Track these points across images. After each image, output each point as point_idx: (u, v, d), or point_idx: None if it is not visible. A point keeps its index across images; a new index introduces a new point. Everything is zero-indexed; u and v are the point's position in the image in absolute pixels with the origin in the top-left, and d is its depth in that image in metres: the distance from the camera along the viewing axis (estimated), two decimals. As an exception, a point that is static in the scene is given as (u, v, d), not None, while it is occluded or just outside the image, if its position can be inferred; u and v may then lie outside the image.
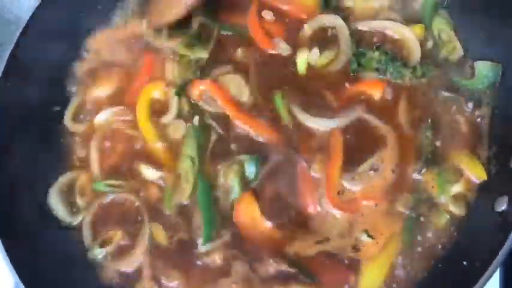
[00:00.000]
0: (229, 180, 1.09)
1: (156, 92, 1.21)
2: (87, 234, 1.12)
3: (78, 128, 1.22)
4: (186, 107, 1.18)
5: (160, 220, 1.10)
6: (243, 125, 1.13)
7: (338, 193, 1.06)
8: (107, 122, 1.21)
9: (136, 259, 1.09)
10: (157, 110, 1.20)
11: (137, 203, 1.12)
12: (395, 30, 1.18)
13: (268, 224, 1.05)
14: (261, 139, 1.12)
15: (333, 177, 1.06)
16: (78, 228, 1.13)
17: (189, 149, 1.12)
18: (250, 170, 1.08)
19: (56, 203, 1.14)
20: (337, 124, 1.10)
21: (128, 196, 1.13)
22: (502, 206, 0.93)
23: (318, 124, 1.11)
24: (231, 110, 1.15)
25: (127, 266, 1.09)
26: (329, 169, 1.07)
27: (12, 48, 1.15)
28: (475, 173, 1.04)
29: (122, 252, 1.10)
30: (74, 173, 1.18)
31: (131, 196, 1.13)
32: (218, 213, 1.07)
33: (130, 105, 1.21)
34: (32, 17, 1.18)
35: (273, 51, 1.20)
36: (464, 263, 0.94)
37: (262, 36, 1.22)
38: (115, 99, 1.24)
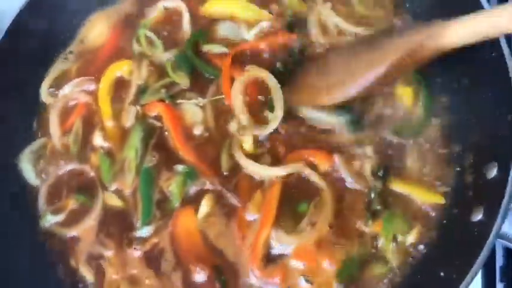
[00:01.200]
0: (170, 187, 1.10)
1: (122, 70, 1.22)
2: (41, 202, 1.16)
3: (50, 100, 1.26)
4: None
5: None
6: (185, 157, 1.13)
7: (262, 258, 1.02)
8: (70, 92, 1.24)
9: (86, 224, 1.12)
10: (123, 85, 1.22)
11: (92, 174, 1.15)
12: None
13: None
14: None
15: (258, 243, 1.02)
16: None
17: (135, 140, 1.14)
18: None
19: (26, 164, 1.19)
20: (277, 173, 1.07)
21: (83, 167, 1.17)
22: (478, 216, 0.93)
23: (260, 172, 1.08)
24: (177, 142, 1.14)
25: (74, 231, 1.13)
26: (257, 233, 1.03)
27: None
28: (432, 200, 1.04)
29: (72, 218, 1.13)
30: (44, 139, 1.23)
31: (87, 167, 1.16)
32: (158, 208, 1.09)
33: (96, 76, 1.24)
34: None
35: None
36: (442, 274, 0.94)
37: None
38: (82, 71, 1.27)
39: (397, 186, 1.06)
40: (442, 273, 0.94)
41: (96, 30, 1.31)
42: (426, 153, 1.09)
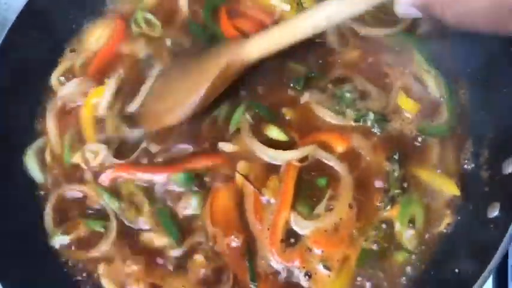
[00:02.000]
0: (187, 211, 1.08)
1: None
2: (48, 220, 1.12)
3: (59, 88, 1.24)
4: None
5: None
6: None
7: (282, 240, 1.02)
8: (69, 93, 1.22)
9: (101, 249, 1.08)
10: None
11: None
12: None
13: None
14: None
15: (277, 227, 1.02)
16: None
17: None
18: (193, 204, 1.07)
19: (31, 161, 1.17)
20: (292, 156, 1.06)
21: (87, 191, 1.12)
22: (494, 212, 0.92)
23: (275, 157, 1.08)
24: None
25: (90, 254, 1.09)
26: (275, 216, 1.03)
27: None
28: (449, 190, 1.04)
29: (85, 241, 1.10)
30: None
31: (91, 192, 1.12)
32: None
33: (96, 77, 1.23)
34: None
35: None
36: (456, 270, 0.92)
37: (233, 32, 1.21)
38: (84, 70, 1.25)
39: (416, 171, 1.06)
40: (457, 270, 0.92)
41: (97, 32, 1.30)
42: (443, 148, 1.08)
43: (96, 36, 1.29)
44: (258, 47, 1.07)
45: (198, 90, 1.08)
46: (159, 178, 1.10)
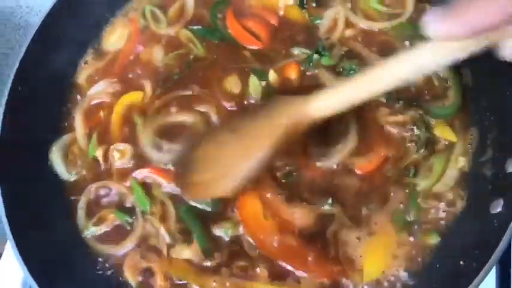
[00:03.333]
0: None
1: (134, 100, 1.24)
2: (81, 215, 1.16)
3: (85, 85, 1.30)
4: None
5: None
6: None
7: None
8: (97, 93, 1.27)
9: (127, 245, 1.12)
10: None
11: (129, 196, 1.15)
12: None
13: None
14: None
15: None
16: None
17: None
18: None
19: (56, 157, 1.21)
20: None
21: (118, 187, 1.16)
22: (497, 208, 0.96)
23: None
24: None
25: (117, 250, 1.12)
26: None
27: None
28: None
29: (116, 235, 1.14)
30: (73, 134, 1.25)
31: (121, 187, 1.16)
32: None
33: (119, 76, 1.27)
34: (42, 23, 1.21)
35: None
36: (461, 262, 0.96)
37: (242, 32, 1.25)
38: (107, 70, 1.30)
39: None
40: (461, 262, 0.96)
41: (116, 33, 1.34)
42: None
43: (117, 36, 1.34)
44: (328, 103, 0.92)
45: (253, 154, 0.94)
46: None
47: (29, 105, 1.19)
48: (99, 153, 1.20)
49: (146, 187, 1.15)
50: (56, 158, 1.22)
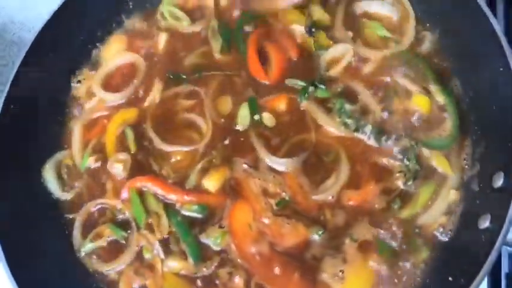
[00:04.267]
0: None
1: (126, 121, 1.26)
2: (77, 234, 1.17)
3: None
4: None
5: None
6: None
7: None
8: (93, 107, 1.30)
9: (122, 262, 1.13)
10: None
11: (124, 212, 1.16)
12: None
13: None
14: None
15: None
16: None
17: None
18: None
19: (49, 175, 1.22)
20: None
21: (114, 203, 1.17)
22: (485, 223, 0.97)
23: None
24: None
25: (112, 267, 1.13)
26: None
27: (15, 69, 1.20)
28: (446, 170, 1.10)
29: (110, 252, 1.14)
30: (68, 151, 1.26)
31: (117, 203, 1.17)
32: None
33: (116, 90, 1.29)
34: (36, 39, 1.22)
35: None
36: (450, 278, 0.97)
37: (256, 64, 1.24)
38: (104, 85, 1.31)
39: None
40: (450, 278, 0.97)
41: (114, 48, 1.37)
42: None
43: (113, 51, 1.36)
44: None
45: None
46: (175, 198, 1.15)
47: (21, 123, 1.20)
48: (91, 161, 1.21)
49: (141, 199, 1.15)
50: (49, 175, 1.22)
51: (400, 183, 1.10)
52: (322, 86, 1.19)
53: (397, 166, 1.11)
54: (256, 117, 1.19)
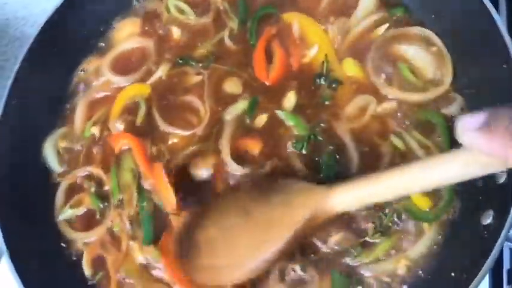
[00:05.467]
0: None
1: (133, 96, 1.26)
2: (60, 197, 1.20)
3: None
4: None
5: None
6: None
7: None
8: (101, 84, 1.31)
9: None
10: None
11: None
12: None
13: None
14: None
15: None
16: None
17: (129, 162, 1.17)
18: None
19: (49, 152, 1.24)
20: None
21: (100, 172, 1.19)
22: (487, 219, 0.97)
23: None
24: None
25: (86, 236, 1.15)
26: None
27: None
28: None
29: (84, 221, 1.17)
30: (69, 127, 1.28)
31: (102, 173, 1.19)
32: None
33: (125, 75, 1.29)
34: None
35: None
36: (452, 274, 0.97)
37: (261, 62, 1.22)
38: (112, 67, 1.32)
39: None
40: (452, 274, 0.97)
41: (126, 31, 1.37)
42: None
43: (126, 34, 1.36)
44: (352, 198, 0.89)
45: (264, 247, 0.87)
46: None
47: (21, 118, 1.21)
48: (95, 130, 1.24)
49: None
50: (49, 151, 1.24)
51: (368, 234, 1.05)
52: (320, 138, 1.13)
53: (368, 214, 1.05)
54: (248, 120, 1.18)
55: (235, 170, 1.10)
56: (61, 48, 1.29)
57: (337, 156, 1.11)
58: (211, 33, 1.31)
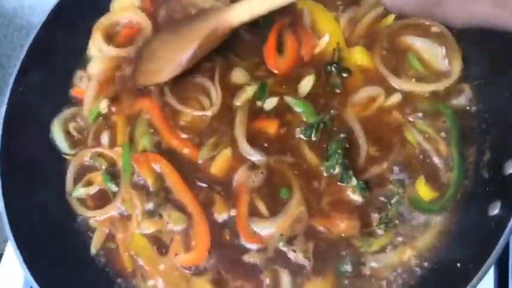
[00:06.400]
0: None
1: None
2: (70, 176, 1.20)
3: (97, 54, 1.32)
4: None
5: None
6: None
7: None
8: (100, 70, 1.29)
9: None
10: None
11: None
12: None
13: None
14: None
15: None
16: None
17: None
18: None
19: (58, 131, 1.24)
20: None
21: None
22: (495, 210, 0.96)
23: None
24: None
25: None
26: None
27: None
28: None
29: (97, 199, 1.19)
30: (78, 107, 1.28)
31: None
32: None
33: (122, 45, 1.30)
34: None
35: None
36: (458, 264, 0.97)
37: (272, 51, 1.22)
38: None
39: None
40: (458, 264, 0.97)
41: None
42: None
43: (124, 4, 1.34)
44: (245, 10, 1.14)
45: (186, 49, 1.17)
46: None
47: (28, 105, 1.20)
48: (103, 107, 1.23)
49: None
50: (57, 131, 1.24)
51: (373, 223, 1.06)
52: (330, 126, 1.14)
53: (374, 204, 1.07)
54: (259, 103, 1.18)
55: (251, 155, 1.12)
56: (67, 36, 1.28)
57: (347, 146, 1.11)
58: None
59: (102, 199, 1.18)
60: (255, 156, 1.12)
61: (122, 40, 1.32)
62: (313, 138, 1.13)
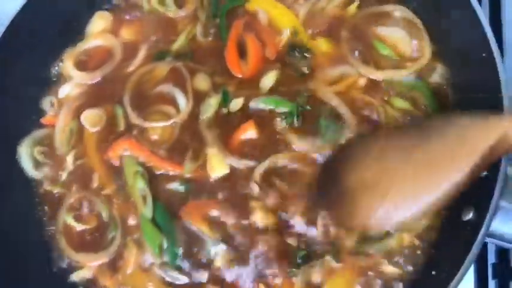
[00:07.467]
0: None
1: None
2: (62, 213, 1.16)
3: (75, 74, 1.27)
4: None
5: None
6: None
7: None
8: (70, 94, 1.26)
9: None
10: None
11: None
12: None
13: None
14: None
15: None
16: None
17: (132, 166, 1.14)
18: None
19: (25, 153, 1.19)
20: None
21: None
22: (468, 215, 0.95)
23: None
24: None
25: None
26: None
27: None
28: None
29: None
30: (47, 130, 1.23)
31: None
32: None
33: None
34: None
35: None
36: (433, 272, 0.96)
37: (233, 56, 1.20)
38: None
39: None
40: (433, 272, 0.96)
41: (99, 25, 1.32)
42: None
43: (97, 29, 1.31)
44: None
45: (442, 181, 0.81)
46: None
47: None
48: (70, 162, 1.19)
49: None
50: (24, 153, 1.20)
51: None
52: (308, 108, 1.13)
53: None
54: (225, 110, 1.15)
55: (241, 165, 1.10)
56: (33, 45, 1.24)
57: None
58: (183, 28, 1.27)
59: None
60: (245, 164, 1.10)
61: (91, 65, 1.28)
62: (296, 125, 1.12)
